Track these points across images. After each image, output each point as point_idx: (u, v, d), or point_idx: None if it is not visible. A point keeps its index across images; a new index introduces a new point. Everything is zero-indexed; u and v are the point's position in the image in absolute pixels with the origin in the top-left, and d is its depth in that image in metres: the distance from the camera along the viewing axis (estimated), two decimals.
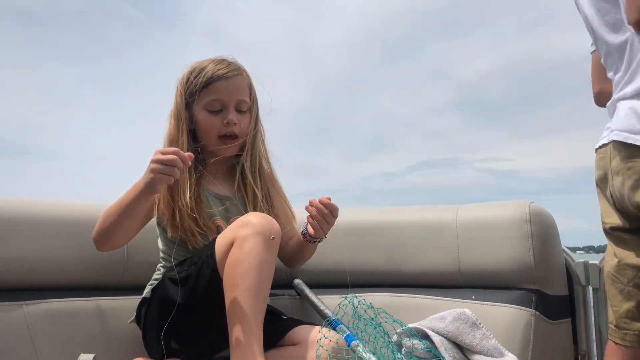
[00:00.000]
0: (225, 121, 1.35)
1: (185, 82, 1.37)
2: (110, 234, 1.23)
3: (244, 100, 1.38)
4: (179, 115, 1.36)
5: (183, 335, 1.22)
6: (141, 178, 1.15)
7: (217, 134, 1.36)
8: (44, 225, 1.38)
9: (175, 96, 1.38)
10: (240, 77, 1.38)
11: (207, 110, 1.35)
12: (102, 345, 1.36)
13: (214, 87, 1.34)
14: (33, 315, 1.29)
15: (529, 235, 1.39)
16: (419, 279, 1.52)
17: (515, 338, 1.32)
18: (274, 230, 1.13)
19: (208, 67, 1.35)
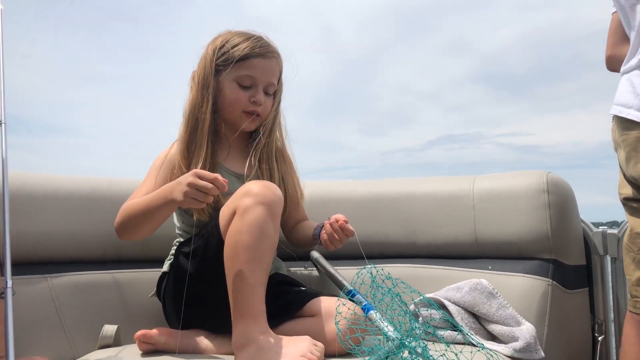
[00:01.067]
0: (252, 99, 1.33)
1: (219, 49, 1.33)
2: (131, 230, 1.24)
3: (273, 83, 1.37)
4: (206, 81, 1.33)
5: (198, 307, 1.25)
6: (171, 188, 1.14)
7: (242, 109, 1.34)
8: (67, 200, 1.40)
9: (204, 60, 1.35)
10: (276, 60, 1.37)
11: (237, 83, 1.33)
12: (124, 316, 1.40)
13: (251, 63, 1.32)
14: (57, 288, 1.32)
15: (547, 205, 1.38)
16: (436, 250, 1.53)
17: (531, 307, 1.33)
18: (275, 199, 1.13)
19: (248, 42, 1.33)
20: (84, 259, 1.42)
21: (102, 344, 1.30)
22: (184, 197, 1.09)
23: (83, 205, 1.42)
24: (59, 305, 1.31)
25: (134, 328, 1.37)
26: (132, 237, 1.27)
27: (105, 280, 1.41)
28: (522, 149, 51.14)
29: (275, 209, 1.13)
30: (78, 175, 1.49)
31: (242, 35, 1.35)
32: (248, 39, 1.33)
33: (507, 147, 50.50)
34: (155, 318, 1.38)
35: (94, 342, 1.31)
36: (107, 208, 1.42)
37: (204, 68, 1.33)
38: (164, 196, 1.15)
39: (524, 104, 52.06)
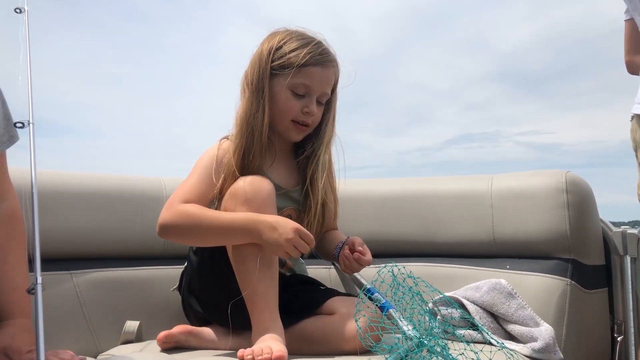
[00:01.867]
0: (305, 109, 1.24)
1: (276, 50, 1.23)
2: (186, 237, 1.20)
3: (327, 93, 1.28)
4: (261, 87, 1.23)
5: (215, 303, 1.27)
6: (260, 227, 1.08)
7: (292, 118, 1.25)
8: (91, 198, 1.42)
9: (258, 61, 1.25)
10: (333, 69, 1.28)
11: (291, 91, 1.23)
12: (146, 312, 1.42)
13: (309, 71, 1.22)
14: (82, 284, 1.35)
15: (565, 204, 1.38)
16: (454, 249, 1.53)
17: (550, 307, 1.33)
18: (261, 195, 1.13)
19: (307, 47, 1.23)
20: (108, 256, 1.45)
21: (125, 339, 1.32)
22: (278, 248, 1.07)
23: (107, 203, 1.44)
24: (83, 301, 1.33)
25: (156, 324, 1.40)
26: (181, 242, 1.23)
27: (127, 277, 1.44)
28: (542, 147, 50.10)
29: (259, 203, 1.13)
30: (102, 173, 1.51)
31: (301, 39, 1.25)
32: (307, 44, 1.24)
33: (527, 146, 49.65)
34: (176, 314, 1.40)
35: (117, 338, 1.33)
36: (130, 206, 1.45)
37: (258, 70, 1.24)
38: (247, 229, 1.10)
39: (543, 102, 50.60)
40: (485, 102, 54.47)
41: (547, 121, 54.22)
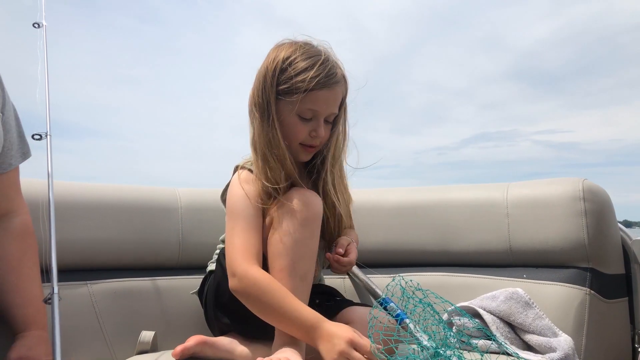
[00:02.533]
0: (313, 134, 1.22)
1: (280, 72, 1.19)
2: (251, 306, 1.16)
3: (335, 112, 1.25)
4: (268, 110, 1.20)
5: (234, 312, 1.27)
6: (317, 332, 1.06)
7: (300, 142, 1.23)
8: (106, 208, 1.43)
9: (262, 85, 1.21)
10: (340, 88, 1.23)
11: (298, 116, 1.20)
12: (162, 322, 1.43)
13: (315, 96, 1.18)
14: (97, 294, 1.36)
15: (583, 213, 1.36)
16: (469, 258, 1.52)
17: (568, 317, 1.30)
18: (310, 210, 1.14)
19: (313, 70, 1.17)
20: (123, 266, 1.46)
21: (140, 349, 1.33)
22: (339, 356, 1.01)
23: (122, 214, 1.45)
24: (99, 311, 1.34)
25: (171, 334, 1.40)
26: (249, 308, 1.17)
27: (143, 287, 1.44)
28: (560, 146, 49.40)
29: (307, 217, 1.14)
30: (118, 184, 1.53)
31: (307, 57, 1.20)
32: (313, 66, 1.18)
33: (545, 145, 48.82)
34: (191, 324, 1.41)
35: (133, 348, 1.34)
36: (145, 216, 1.46)
37: (263, 93, 1.20)
38: (306, 330, 1.07)
39: (560, 100, 49.53)
40: (502, 101, 53.24)
41: (566, 119, 52.91)
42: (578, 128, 55.24)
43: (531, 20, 52.28)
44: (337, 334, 1.03)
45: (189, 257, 1.52)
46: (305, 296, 1.14)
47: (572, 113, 52.75)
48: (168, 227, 1.52)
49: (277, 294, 1.10)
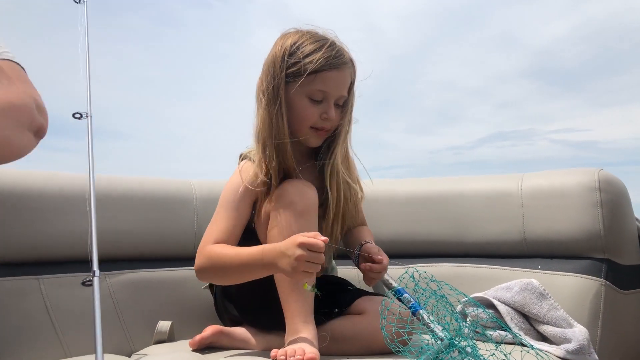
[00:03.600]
0: (324, 115, 1.21)
1: (289, 56, 1.19)
2: (216, 279, 1.22)
3: (344, 95, 1.25)
4: (276, 95, 1.19)
5: (241, 304, 1.29)
6: (274, 255, 1.06)
7: (311, 124, 1.23)
8: (121, 200, 1.45)
9: (272, 69, 1.20)
10: (349, 71, 1.24)
11: (308, 98, 1.20)
12: (178, 312, 1.45)
13: (324, 76, 1.18)
14: (115, 285, 1.38)
15: (599, 203, 1.35)
16: (484, 249, 1.51)
17: (584, 308, 1.30)
18: (304, 201, 1.15)
19: (321, 52, 1.18)
20: (140, 257, 1.48)
21: (158, 339, 1.35)
22: (294, 271, 1.03)
23: (138, 205, 1.47)
24: (117, 302, 1.36)
25: (187, 323, 1.42)
26: (217, 283, 1.26)
27: (159, 278, 1.46)
28: (578, 145, 47.35)
29: (303, 208, 1.15)
30: (132, 176, 1.54)
31: (314, 41, 1.21)
32: (321, 48, 1.19)
33: (562, 144, 46.98)
34: (207, 313, 1.42)
35: (150, 337, 1.36)
36: (161, 208, 1.48)
37: (272, 78, 1.20)
38: (264, 262, 1.08)
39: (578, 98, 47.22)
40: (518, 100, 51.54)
41: (583, 118, 50.40)
42: (596, 126, 52.32)
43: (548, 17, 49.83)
44: (286, 246, 1.04)
45: None
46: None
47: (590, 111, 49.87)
48: (184, 218, 1.54)
49: (228, 252, 1.14)
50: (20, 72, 1.00)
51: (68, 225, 1.33)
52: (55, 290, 1.29)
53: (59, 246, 1.33)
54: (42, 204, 1.30)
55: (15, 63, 1.01)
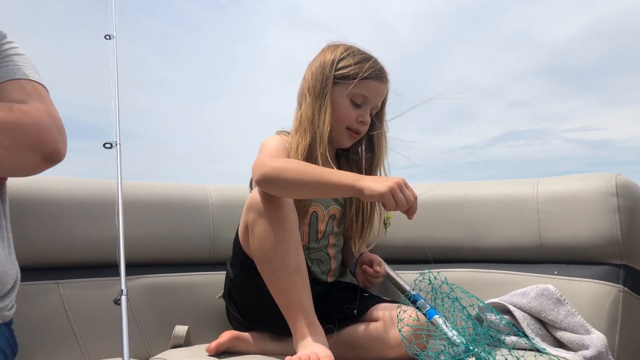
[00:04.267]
0: (360, 119, 1.34)
1: (339, 60, 1.33)
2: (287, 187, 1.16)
3: (378, 105, 1.38)
4: (324, 93, 1.32)
5: (248, 312, 1.32)
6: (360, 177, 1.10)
7: (347, 125, 1.34)
8: (138, 205, 1.46)
9: (321, 69, 1.34)
10: (386, 84, 1.37)
11: (350, 100, 1.33)
12: (194, 317, 1.46)
13: (369, 84, 1.32)
14: (132, 289, 1.38)
15: (616, 208, 1.34)
16: (499, 254, 1.50)
17: (601, 314, 1.29)
18: (276, 205, 1.15)
19: (368, 62, 1.33)
20: (156, 261, 1.49)
21: (174, 343, 1.36)
22: (389, 190, 1.05)
23: (154, 210, 1.48)
24: (135, 306, 1.37)
25: (203, 328, 1.43)
26: (280, 193, 1.18)
27: (176, 282, 1.48)
28: (593, 144, 46.11)
29: (278, 215, 1.15)
30: (150, 181, 1.56)
31: (361, 54, 1.35)
32: (368, 59, 1.33)
33: (576, 143, 45.80)
34: (223, 318, 1.43)
35: (167, 342, 1.37)
36: (177, 213, 1.49)
37: (321, 78, 1.33)
38: (347, 180, 1.10)
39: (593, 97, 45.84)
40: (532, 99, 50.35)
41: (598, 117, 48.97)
42: (611, 125, 50.93)
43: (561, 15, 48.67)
44: (386, 178, 1.10)
45: (220, 252, 1.55)
46: (306, 287, 1.15)
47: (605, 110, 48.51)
48: (200, 224, 1.55)
49: (309, 166, 1.17)
50: (43, 92, 1.04)
51: (88, 230, 1.35)
52: (74, 294, 1.31)
53: (78, 251, 1.35)
54: (61, 209, 1.32)
55: (40, 85, 1.05)
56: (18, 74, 1.04)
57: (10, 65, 1.04)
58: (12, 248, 1.03)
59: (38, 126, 0.96)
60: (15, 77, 1.03)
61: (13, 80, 1.02)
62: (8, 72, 1.03)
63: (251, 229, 1.17)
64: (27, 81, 1.04)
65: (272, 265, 1.14)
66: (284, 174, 1.14)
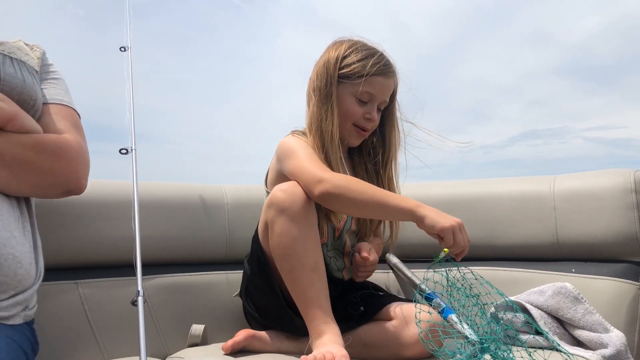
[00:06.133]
0: (367, 116, 1.33)
1: (343, 58, 1.33)
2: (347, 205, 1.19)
3: (386, 101, 1.37)
4: (329, 93, 1.32)
5: (266, 310, 1.32)
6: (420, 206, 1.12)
7: (354, 122, 1.34)
8: (155, 205, 1.47)
9: (324, 68, 1.34)
10: (393, 78, 1.36)
11: (355, 98, 1.32)
12: (211, 316, 1.47)
13: (373, 81, 1.31)
14: (149, 289, 1.40)
15: (635, 205, 1.32)
16: (515, 252, 1.49)
17: (620, 313, 1.27)
18: (297, 202, 1.15)
19: (373, 58, 1.31)
20: (173, 261, 1.50)
21: (191, 342, 1.37)
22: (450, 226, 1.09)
23: (172, 211, 1.49)
24: (152, 305, 1.39)
25: (220, 327, 1.44)
26: (340, 209, 1.24)
27: (192, 282, 1.49)
28: (613, 142, 44.94)
29: (296, 211, 1.15)
30: (167, 182, 1.57)
31: (366, 49, 1.34)
32: (372, 55, 1.32)
33: (596, 142, 44.64)
34: (239, 317, 1.44)
35: (184, 341, 1.38)
36: (193, 213, 1.51)
37: (325, 77, 1.33)
38: (408, 205, 1.13)
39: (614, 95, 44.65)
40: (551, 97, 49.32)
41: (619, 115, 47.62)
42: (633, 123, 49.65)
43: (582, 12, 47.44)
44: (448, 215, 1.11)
45: (235, 252, 1.56)
46: (323, 285, 1.15)
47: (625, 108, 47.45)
48: (215, 223, 1.56)
49: (369, 187, 1.18)
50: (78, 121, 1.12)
51: (107, 230, 1.36)
52: (93, 293, 1.32)
53: (97, 251, 1.36)
54: (81, 210, 1.34)
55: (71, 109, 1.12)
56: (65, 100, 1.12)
57: (57, 88, 1.13)
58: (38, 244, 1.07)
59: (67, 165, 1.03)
60: (62, 103, 1.12)
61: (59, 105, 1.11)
62: (54, 94, 1.11)
63: (271, 226, 1.17)
64: (68, 108, 1.12)
65: (290, 263, 1.14)
66: (346, 194, 1.15)
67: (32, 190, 1.04)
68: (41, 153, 0.99)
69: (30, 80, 1.05)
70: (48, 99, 1.10)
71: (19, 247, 0.95)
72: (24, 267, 0.96)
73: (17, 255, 0.94)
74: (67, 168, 1.03)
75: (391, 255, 1.58)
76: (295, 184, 1.19)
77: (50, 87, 1.13)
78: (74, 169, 1.05)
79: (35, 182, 1.01)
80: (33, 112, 1.04)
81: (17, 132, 0.97)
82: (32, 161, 0.98)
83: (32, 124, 1.00)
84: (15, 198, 1.03)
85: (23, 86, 1.01)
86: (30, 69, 1.07)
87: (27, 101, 1.02)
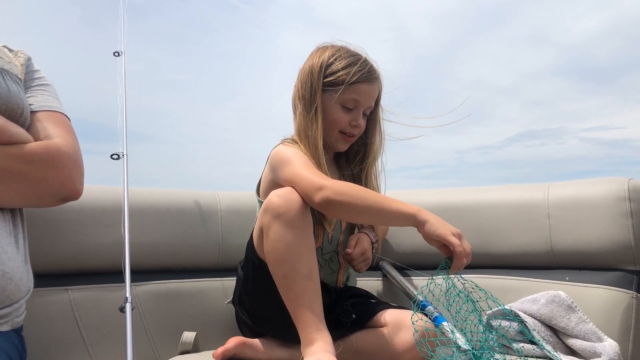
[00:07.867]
0: (353, 122, 1.35)
1: (327, 67, 1.34)
2: (348, 211, 1.19)
3: (372, 105, 1.38)
4: (313, 102, 1.33)
5: (259, 316, 1.30)
6: (421, 212, 1.12)
7: (340, 129, 1.35)
8: (148, 212, 1.47)
9: (309, 77, 1.35)
10: (377, 83, 1.37)
11: (341, 106, 1.34)
12: (202, 323, 1.46)
13: (357, 88, 1.32)
14: (140, 296, 1.40)
15: (629, 213, 1.31)
16: (509, 260, 1.49)
17: (614, 322, 1.27)
18: (292, 208, 1.14)
19: (356, 66, 1.32)
20: (164, 268, 1.50)
21: (182, 349, 1.36)
22: (454, 235, 1.10)
23: (163, 217, 1.49)
24: (143, 312, 1.38)
25: (211, 334, 1.44)
26: (341, 216, 1.28)
27: (184, 289, 1.48)
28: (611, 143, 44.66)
29: (292, 217, 1.14)
30: (159, 188, 1.57)
31: (349, 56, 1.35)
32: (356, 62, 1.33)
33: (594, 142, 44.40)
34: (231, 324, 1.44)
35: (175, 348, 1.37)
36: (186, 219, 1.50)
37: (310, 85, 1.34)
38: (409, 210, 1.13)
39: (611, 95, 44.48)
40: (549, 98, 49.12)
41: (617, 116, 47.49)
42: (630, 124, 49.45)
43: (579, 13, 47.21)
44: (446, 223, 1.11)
45: (228, 258, 1.55)
46: (317, 293, 1.14)
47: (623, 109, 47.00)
48: (208, 230, 1.55)
49: (369, 193, 1.19)
50: (69, 125, 1.11)
51: (98, 236, 1.36)
52: (83, 300, 1.32)
53: (88, 257, 1.36)
54: (71, 216, 1.33)
55: (62, 114, 1.10)
56: (53, 106, 1.11)
57: (45, 95, 1.12)
58: (27, 259, 1.06)
59: (60, 172, 1.02)
60: (51, 109, 1.10)
61: (48, 112, 1.09)
62: (41, 101, 1.10)
63: (266, 231, 1.16)
64: (58, 114, 1.11)
65: (283, 269, 1.13)
66: (348, 200, 1.15)
67: (26, 201, 1.03)
68: (31, 163, 0.98)
69: (15, 88, 1.03)
70: (36, 107, 1.09)
71: (10, 263, 0.94)
72: (13, 283, 0.95)
73: (8, 272, 0.93)
74: (60, 175, 1.02)
75: (384, 261, 1.58)
76: (291, 190, 1.18)
77: (37, 94, 1.11)
78: (68, 176, 1.03)
79: (29, 193, 1.00)
80: (22, 122, 1.02)
81: (6, 144, 0.96)
82: (23, 172, 0.97)
83: (21, 134, 0.99)
84: (9, 210, 1.02)
85: (9, 95, 1.00)
86: (14, 77, 1.06)
87: (15, 110, 1.01)
